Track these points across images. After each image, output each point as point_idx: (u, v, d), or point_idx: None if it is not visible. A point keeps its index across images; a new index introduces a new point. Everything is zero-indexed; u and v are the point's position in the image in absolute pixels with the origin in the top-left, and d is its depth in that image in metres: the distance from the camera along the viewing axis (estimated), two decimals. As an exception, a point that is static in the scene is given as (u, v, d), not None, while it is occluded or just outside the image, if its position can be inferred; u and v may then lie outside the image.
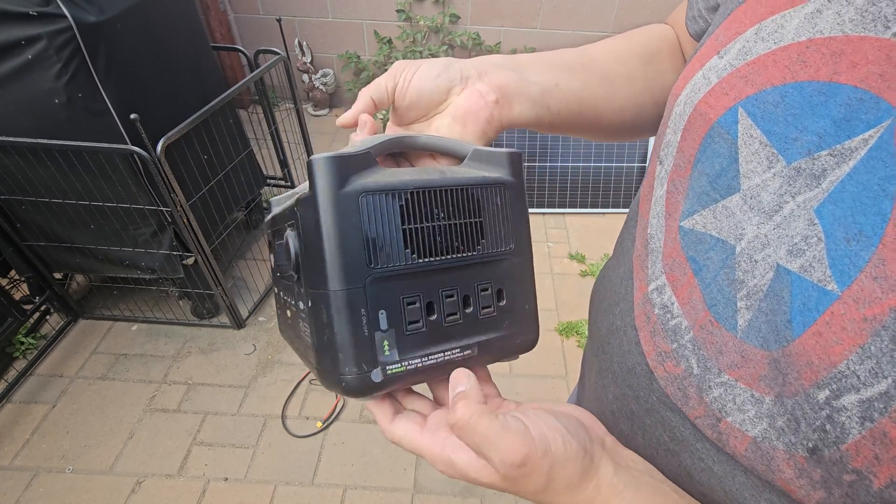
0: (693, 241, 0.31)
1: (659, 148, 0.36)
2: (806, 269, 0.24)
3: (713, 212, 0.30)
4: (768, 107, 0.27)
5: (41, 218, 1.48)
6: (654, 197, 0.36)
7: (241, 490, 1.40)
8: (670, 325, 0.33)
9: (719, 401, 0.28)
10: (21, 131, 1.27)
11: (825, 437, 0.23)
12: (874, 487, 0.21)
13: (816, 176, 0.24)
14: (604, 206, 2.35)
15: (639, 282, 0.37)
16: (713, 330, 0.29)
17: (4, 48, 1.16)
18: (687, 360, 0.31)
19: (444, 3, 2.68)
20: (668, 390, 0.32)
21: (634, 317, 0.36)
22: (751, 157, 0.28)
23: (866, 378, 0.21)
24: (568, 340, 1.81)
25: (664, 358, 0.33)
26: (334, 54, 2.94)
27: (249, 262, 2.05)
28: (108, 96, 1.29)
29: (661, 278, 0.34)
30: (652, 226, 0.36)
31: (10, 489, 1.38)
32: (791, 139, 0.26)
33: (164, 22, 1.48)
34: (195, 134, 1.51)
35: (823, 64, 0.25)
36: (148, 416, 1.56)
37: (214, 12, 2.65)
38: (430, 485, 1.42)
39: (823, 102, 0.24)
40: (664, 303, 0.33)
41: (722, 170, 0.29)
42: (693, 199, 0.31)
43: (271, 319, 1.86)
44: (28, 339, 1.71)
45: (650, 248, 0.35)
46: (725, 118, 0.29)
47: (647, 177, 0.38)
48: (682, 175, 0.33)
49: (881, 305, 0.21)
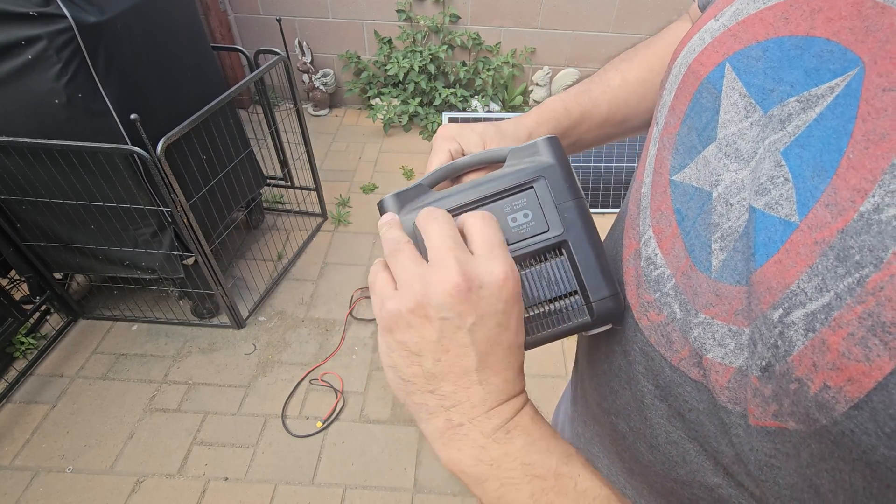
0: (680, 193, 0.32)
1: (657, 110, 0.37)
2: (771, 206, 0.25)
3: (696, 163, 0.31)
4: (751, 61, 0.28)
5: (41, 218, 1.48)
6: (647, 158, 0.37)
7: (241, 490, 1.40)
8: (653, 275, 0.33)
9: (700, 339, 0.29)
10: (21, 131, 1.27)
11: (776, 352, 0.24)
12: (811, 392, 0.22)
13: (783, 120, 0.26)
14: (604, 206, 2.35)
15: (629, 240, 0.38)
16: (691, 274, 0.30)
17: (4, 48, 1.16)
18: (669, 306, 0.32)
19: (444, 3, 2.67)
20: (652, 339, 0.33)
21: (623, 273, 0.37)
22: (729, 107, 0.29)
23: (812, 293, 0.22)
24: (568, 340, 1.82)
25: (647, 308, 0.34)
26: (334, 54, 2.94)
27: (249, 262, 2.05)
28: (109, 96, 1.29)
29: (647, 231, 0.35)
30: (644, 185, 0.37)
31: (10, 489, 1.39)
32: (768, 90, 0.27)
33: (165, 22, 1.48)
34: (195, 134, 1.51)
35: (802, 20, 0.26)
36: (148, 416, 1.56)
37: (214, 12, 2.65)
38: (430, 484, 1.42)
39: (799, 55, 0.26)
40: (649, 255, 0.34)
41: (706, 122, 0.31)
42: (683, 153, 0.32)
43: (271, 319, 1.87)
44: (28, 339, 1.71)
45: (641, 206, 0.36)
46: (714, 74, 0.30)
47: (646, 140, 0.39)
48: (671, 131, 0.34)
49: (830, 229, 0.22)
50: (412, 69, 2.72)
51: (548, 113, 0.47)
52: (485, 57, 2.86)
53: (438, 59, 2.75)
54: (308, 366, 1.70)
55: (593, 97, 0.49)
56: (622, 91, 0.49)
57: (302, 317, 1.87)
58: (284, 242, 2.16)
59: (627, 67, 0.50)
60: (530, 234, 0.35)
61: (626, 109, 0.50)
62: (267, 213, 2.29)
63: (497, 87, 2.85)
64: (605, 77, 0.50)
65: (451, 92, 2.76)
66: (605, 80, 0.50)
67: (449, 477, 1.43)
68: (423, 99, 2.82)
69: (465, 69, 2.78)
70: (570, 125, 0.48)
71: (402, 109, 2.76)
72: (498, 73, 2.81)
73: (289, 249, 2.11)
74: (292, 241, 2.15)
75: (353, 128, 2.94)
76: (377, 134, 2.87)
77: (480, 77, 2.79)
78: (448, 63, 2.83)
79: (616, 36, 2.73)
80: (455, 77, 2.83)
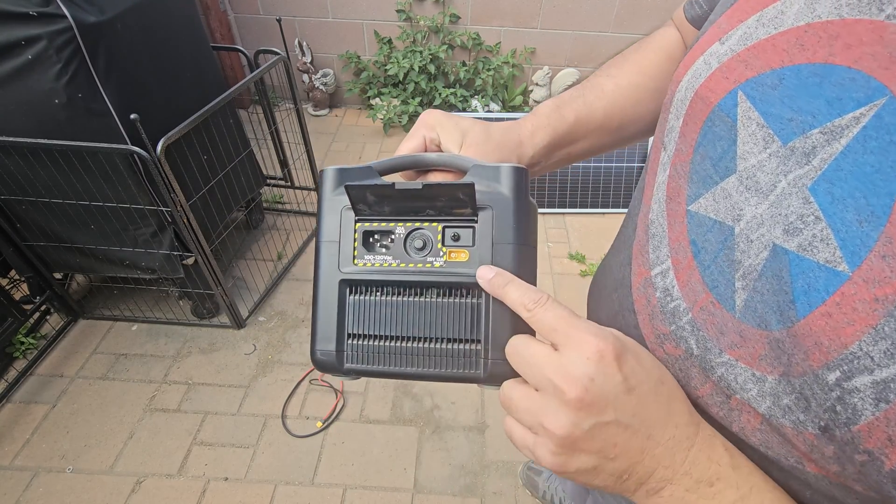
0: (696, 224, 0.31)
1: (662, 135, 0.36)
2: (806, 249, 0.24)
3: (713, 195, 0.30)
4: (766, 89, 0.27)
5: (41, 218, 1.48)
6: (656, 183, 0.36)
7: (241, 490, 1.40)
8: (669, 307, 0.33)
9: (724, 379, 0.28)
10: (21, 131, 1.27)
11: (836, 417, 0.22)
12: (886, 468, 0.21)
13: (807, 153, 0.25)
14: (604, 206, 2.35)
15: (638, 267, 0.37)
16: (714, 311, 0.29)
17: (4, 48, 1.16)
18: (686, 341, 0.31)
19: (444, 3, 2.67)
20: (671, 371, 0.32)
21: (633, 300, 0.36)
22: (748, 138, 0.28)
23: (880, 359, 0.20)
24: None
25: (663, 340, 0.33)
26: (334, 54, 2.94)
27: (249, 261, 2.05)
28: (109, 96, 1.29)
29: (665, 262, 0.34)
30: (653, 211, 0.36)
31: (10, 489, 1.38)
32: (786, 119, 0.26)
33: (165, 22, 1.48)
34: (195, 134, 1.51)
35: (820, 46, 0.25)
36: (148, 416, 1.56)
37: (214, 12, 2.65)
38: (430, 485, 1.42)
39: (818, 83, 0.25)
40: (666, 286, 0.33)
41: (723, 152, 0.30)
42: (698, 182, 0.31)
43: (271, 319, 1.86)
44: (28, 339, 1.71)
45: (651, 232, 0.36)
46: (725, 101, 0.29)
47: (651, 165, 0.38)
48: (684, 159, 0.33)
49: (892, 285, 0.21)
50: (412, 69, 2.71)
51: (543, 119, 0.45)
52: (485, 57, 2.86)
53: (438, 59, 2.75)
54: (308, 366, 1.70)
55: (588, 102, 0.47)
56: (617, 97, 0.48)
57: (302, 317, 1.87)
58: (284, 242, 2.16)
59: (619, 73, 0.49)
60: (456, 265, 0.33)
61: (621, 116, 0.48)
62: (267, 213, 2.29)
63: (497, 87, 2.85)
64: (598, 83, 0.49)
65: (451, 92, 2.76)
66: (599, 87, 0.48)
67: (448, 477, 1.43)
68: (423, 99, 2.82)
69: (465, 69, 2.78)
70: (565, 132, 0.46)
71: (402, 109, 2.76)
72: (498, 73, 2.81)
73: (289, 249, 2.11)
74: (292, 241, 2.15)
75: (353, 128, 2.94)
76: (377, 134, 2.87)
77: (480, 77, 2.79)
78: (448, 63, 2.83)
79: (616, 36, 2.73)
80: (455, 77, 2.83)
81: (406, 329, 0.33)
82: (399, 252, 0.34)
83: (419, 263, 0.33)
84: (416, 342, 0.33)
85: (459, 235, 0.33)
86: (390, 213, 0.34)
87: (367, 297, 0.34)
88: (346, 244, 0.35)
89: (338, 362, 0.34)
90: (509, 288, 0.31)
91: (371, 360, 0.34)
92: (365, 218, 0.35)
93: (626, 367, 0.28)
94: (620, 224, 0.46)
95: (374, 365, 0.34)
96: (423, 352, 0.33)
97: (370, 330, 0.34)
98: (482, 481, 1.43)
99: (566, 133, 0.46)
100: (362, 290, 0.34)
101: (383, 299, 0.34)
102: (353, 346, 0.34)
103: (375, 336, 0.34)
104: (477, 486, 1.42)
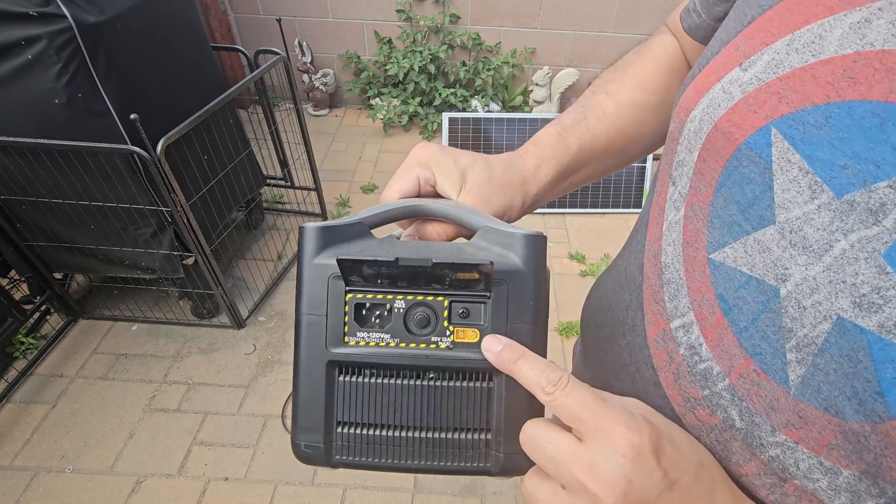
0: (723, 276, 0.28)
1: (670, 167, 0.33)
2: (891, 331, 0.20)
3: (744, 245, 0.27)
4: (809, 128, 0.24)
5: (41, 218, 1.48)
6: (666, 221, 0.33)
7: (241, 490, 1.40)
8: (698, 368, 0.29)
9: (779, 461, 0.25)
10: (21, 131, 1.27)
11: None
12: None
13: (874, 211, 0.21)
14: (603, 207, 2.35)
15: (653, 315, 0.33)
16: (760, 381, 0.26)
17: (4, 48, 1.16)
18: (725, 409, 0.28)
19: (444, 3, 2.67)
20: (705, 440, 0.29)
21: (651, 354, 0.33)
22: (788, 185, 0.24)
23: None
24: (568, 340, 1.81)
25: (694, 405, 0.30)
26: (334, 54, 2.94)
27: (249, 261, 2.05)
28: (108, 96, 1.29)
29: (688, 315, 0.30)
30: (667, 254, 0.32)
31: (10, 489, 1.38)
32: (839, 167, 0.22)
33: (165, 22, 1.48)
34: (195, 134, 1.51)
35: (877, 81, 0.21)
36: (148, 416, 1.56)
37: (214, 12, 2.65)
38: (430, 484, 1.42)
39: (879, 125, 0.21)
40: (691, 343, 0.30)
41: (754, 198, 0.26)
42: (721, 228, 0.28)
43: (271, 319, 1.86)
44: (28, 339, 1.71)
45: (666, 278, 0.32)
46: (755, 139, 0.26)
47: (657, 198, 0.35)
48: (702, 200, 0.29)
49: None
50: (412, 69, 2.71)
51: (547, 150, 0.42)
52: (485, 57, 2.86)
53: (438, 59, 2.75)
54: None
55: (590, 127, 0.44)
56: (618, 118, 0.45)
57: (302, 317, 1.87)
58: (284, 242, 2.16)
59: (619, 90, 0.46)
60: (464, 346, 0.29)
61: (624, 138, 0.45)
62: (267, 213, 2.29)
63: (497, 87, 2.85)
64: (598, 103, 0.45)
65: (451, 92, 2.76)
66: (600, 108, 0.45)
67: (448, 477, 1.43)
68: (423, 99, 2.82)
69: (465, 69, 2.78)
70: (569, 162, 0.43)
71: (402, 109, 2.76)
72: (498, 73, 2.81)
73: (289, 249, 2.11)
74: (292, 241, 2.15)
75: (353, 128, 2.94)
76: (377, 134, 2.87)
77: (480, 77, 2.79)
78: (448, 63, 2.83)
79: (616, 36, 2.73)
80: (455, 77, 2.83)
81: (405, 417, 0.29)
82: (398, 329, 0.29)
83: (422, 343, 0.29)
84: (417, 431, 0.29)
85: (469, 311, 0.29)
86: (389, 285, 0.29)
87: (360, 379, 0.29)
88: (334, 319, 0.29)
89: (325, 455, 0.30)
90: (522, 364, 0.27)
91: (364, 452, 0.30)
92: (357, 289, 0.29)
93: (665, 459, 0.25)
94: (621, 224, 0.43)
95: (367, 458, 0.30)
96: (425, 443, 0.29)
97: (363, 417, 0.29)
98: (482, 481, 1.43)
99: (570, 163, 0.43)
100: (354, 371, 0.30)
101: (379, 382, 0.29)
102: (343, 435, 0.30)
103: (369, 424, 0.30)
104: (477, 486, 1.42)
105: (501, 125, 2.34)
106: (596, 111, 0.45)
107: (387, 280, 0.29)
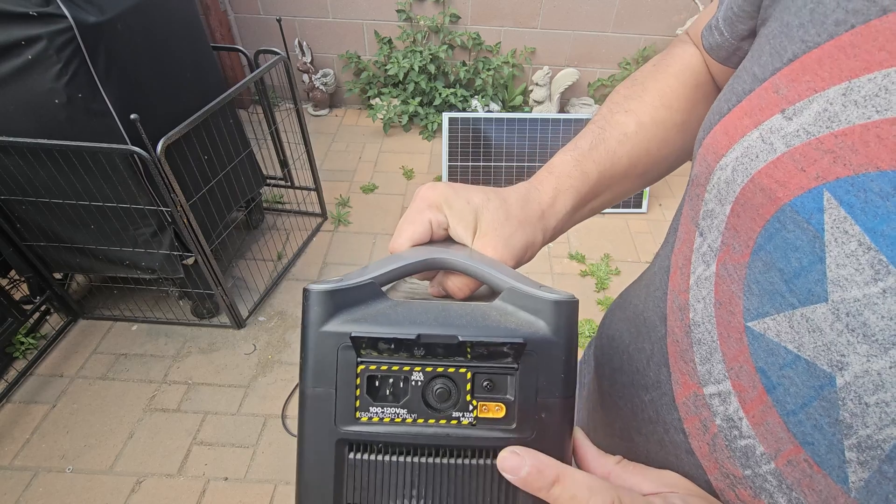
0: (764, 349, 0.25)
1: (696, 214, 0.30)
2: None
3: (789, 319, 0.24)
4: (872, 197, 0.20)
5: (41, 218, 1.48)
6: (693, 275, 0.30)
7: (241, 490, 1.40)
8: (738, 444, 0.27)
9: None
10: (21, 131, 1.27)
11: None
12: None
13: None
14: (604, 207, 2.35)
15: (681, 375, 0.31)
16: (813, 474, 0.23)
17: (4, 48, 1.16)
18: (770, 495, 0.25)
19: (444, 3, 2.68)
20: None
21: (682, 419, 0.30)
22: (844, 259, 0.21)
23: None
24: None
25: (734, 483, 0.27)
26: (334, 54, 2.94)
27: (249, 261, 2.05)
28: (109, 96, 1.29)
29: (724, 383, 0.28)
30: (696, 311, 0.30)
31: (10, 489, 1.39)
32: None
33: (165, 22, 1.48)
34: (195, 134, 1.51)
35: None
36: (148, 416, 1.56)
37: (214, 12, 2.65)
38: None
39: None
40: (728, 414, 0.27)
41: (801, 268, 0.23)
42: (760, 296, 0.25)
43: (271, 319, 1.87)
44: (28, 339, 1.71)
45: (695, 337, 0.29)
46: (803, 202, 0.23)
47: (680, 245, 0.32)
48: (737, 260, 0.26)
49: None
50: (412, 69, 2.72)
51: (564, 181, 0.39)
52: (485, 57, 2.86)
53: (438, 59, 2.75)
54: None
55: (610, 150, 0.40)
56: (640, 139, 0.41)
57: (302, 317, 1.87)
58: (284, 242, 2.16)
59: (640, 107, 0.42)
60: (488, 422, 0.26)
61: (647, 160, 0.42)
62: (267, 213, 2.30)
63: (497, 87, 2.85)
64: (617, 122, 0.42)
65: (451, 92, 2.76)
66: (620, 128, 0.41)
67: None
68: (423, 99, 2.82)
69: (465, 69, 2.78)
70: (588, 190, 0.40)
71: (402, 109, 2.76)
72: (498, 73, 2.81)
73: (289, 249, 2.11)
74: (292, 241, 2.15)
75: (353, 128, 2.94)
76: (377, 134, 2.87)
77: (480, 77, 2.79)
78: (448, 63, 2.83)
79: (616, 36, 2.73)
80: (455, 77, 2.83)
81: (423, 499, 0.27)
82: (416, 404, 0.26)
83: (442, 420, 0.26)
84: None
85: (494, 384, 0.26)
86: (405, 357, 0.27)
87: (373, 457, 0.27)
88: (345, 393, 0.27)
89: None
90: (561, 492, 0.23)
91: None
92: (370, 360, 0.27)
93: None
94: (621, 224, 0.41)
95: None
96: None
97: (376, 499, 0.27)
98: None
99: (589, 191, 0.40)
100: (366, 448, 0.27)
101: (394, 460, 0.27)
102: None
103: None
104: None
105: (501, 125, 2.34)
106: (615, 132, 0.41)
107: (404, 353, 0.27)
